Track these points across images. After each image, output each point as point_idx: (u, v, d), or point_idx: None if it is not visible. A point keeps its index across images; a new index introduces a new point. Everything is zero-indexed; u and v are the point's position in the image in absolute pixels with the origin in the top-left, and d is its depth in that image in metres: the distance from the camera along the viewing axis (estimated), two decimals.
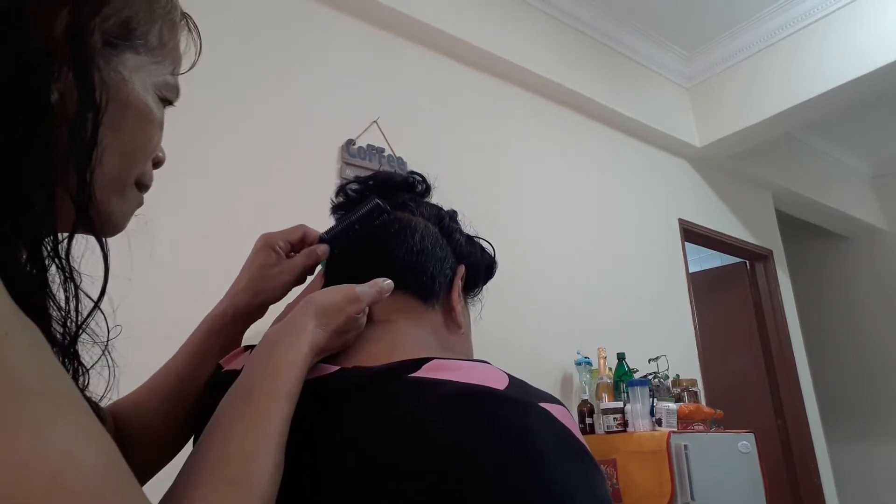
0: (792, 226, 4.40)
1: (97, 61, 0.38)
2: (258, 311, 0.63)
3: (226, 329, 0.62)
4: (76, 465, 0.28)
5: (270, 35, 2.10)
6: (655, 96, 3.37)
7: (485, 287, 0.69)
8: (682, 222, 3.36)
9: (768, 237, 3.95)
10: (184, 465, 0.39)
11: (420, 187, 0.68)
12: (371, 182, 0.67)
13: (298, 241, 0.64)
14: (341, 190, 0.69)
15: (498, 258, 0.70)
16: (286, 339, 0.47)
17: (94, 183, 0.39)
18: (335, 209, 0.69)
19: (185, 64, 0.51)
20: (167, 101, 0.46)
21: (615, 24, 3.17)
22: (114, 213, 0.44)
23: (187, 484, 0.37)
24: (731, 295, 3.89)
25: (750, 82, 3.32)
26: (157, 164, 0.49)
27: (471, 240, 0.67)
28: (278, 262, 0.63)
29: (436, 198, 0.71)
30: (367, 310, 0.54)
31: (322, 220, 0.69)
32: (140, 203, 0.47)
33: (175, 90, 0.47)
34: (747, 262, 3.92)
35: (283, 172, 1.99)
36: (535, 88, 2.85)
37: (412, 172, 0.69)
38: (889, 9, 2.85)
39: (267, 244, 0.63)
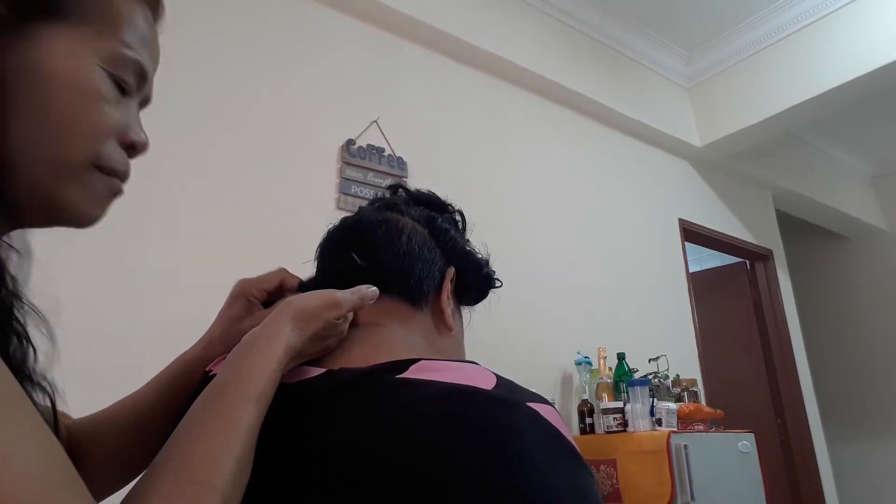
0: (792, 226, 4.40)
1: (1, 35, 0.36)
2: None
3: (196, 375, 0.60)
4: (14, 469, 0.27)
5: (270, 35, 2.10)
6: (655, 96, 3.37)
7: (484, 298, 0.68)
8: (682, 222, 3.36)
9: (768, 237, 3.95)
10: (150, 464, 0.39)
11: (460, 224, 0.68)
12: (421, 197, 0.67)
13: (276, 289, 0.63)
14: (397, 186, 0.69)
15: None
16: (260, 342, 0.46)
17: (26, 168, 0.37)
18: (372, 203, 0.68)
19: (157, 48, 0.47)
20: (119, 79, 0.42)
21: (615, 24, 3.17)
22: (73, 201, 0.40)
23: (150, 483, 0.36)
24: (731, 295, 3.89)
25: (750, 82, 3.32)
26: (134, 147, 0.44)
27: (465, 240, 0.66)
28: (250, 315, 0.61)
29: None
30: (348, 316, 0.53)
31: (321, 219, 0.69)
32: (115, 190, 0.44)
33: (127, 65, 0.43)
34: (747, 261, 3.92)
35: (283, 172, 1.99)
36: (535, 88, 2.85)
37: (458, 209, 0.69)
38: (888, 9, 2.85)
39: (241, 293, 0.62)
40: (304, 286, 0.62)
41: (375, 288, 0.55)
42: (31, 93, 0.38)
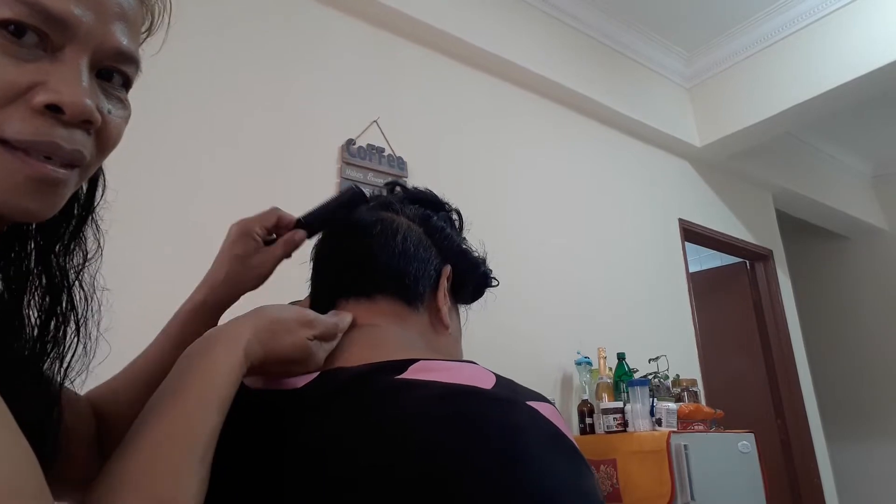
0: (792, 226, 4.40)
1: None
2: (235, 299, 0.63)
3: (204, 319, 0.60)
4: None
5: (270, 35, 2.10)
6: (655, 96, 3.37)
7: (481, 296, 0.68)
8: (682, 222, 3.36)
9: (768, 237, 3.95)
10: (104, 471, 0.37)
11: (457, 223, 0.68)
12: (418, 195, 0.67)
13: (274, 226, 0.63)
14: (394, 184, 0.70)
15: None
16: (221, 343, 0.44)
17: None
18: (368, 200, 0.68)
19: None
20: (6, 23, 0.34)
21: (615, 25, 3.17)
22: None
23: (112, 497, 0.35)
24: (731, 295, 3.89)
25: (750, 82, 3.32)
26: (59, 110, 0.35)
27: (461, 238, 0.66)
28: (257, 252, 0.62)
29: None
30: (325, 346, 0.51)
31: None
32: (28, 175, 0.35)
33: (5, 2, 0.33)
34: (747, 262, 3.92)
35: (283, 172, 1.99)
36: (535, 88, 2.85)
37: (454, 208, 0.69)
38: (888, 9, 2.84)
39: (244, 232, 0.62)
40: (301, 223, 0.63)
41: (350, 316, 0.55)
42: None
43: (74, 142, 0.36)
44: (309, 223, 0.64)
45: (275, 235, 0.64)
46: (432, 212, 0.64)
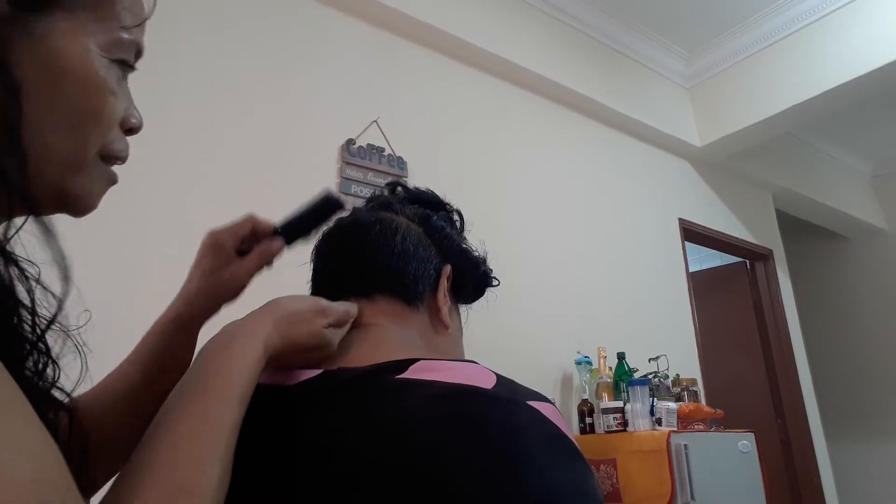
0: (792, 226, 4.40)
1: (8, 34, 0.35)
2: (213, 312, 0.61)
3: (180, 332, 0.59)
4: (2, 476, 0.26)
5: (270, 35, 2.10)
6: (655, 96, 3.37)
7: (481, 296, 0.68)
8: (682, 222, 3.36)
9: (768, 237, 3.95)
10: (127, 466, 0.37)
11: (458, 223, 0.68)
12: (419, 195, 0.67)
13: (249, 235, 0.61)
14: (395, 184, 0.69)
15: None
16: (241, 337, 0.45)
17: (45, 165, 0.36)
18: (369, 200, 0.68)
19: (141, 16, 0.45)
20: (123, 63, 0.41)
21: (615, 24, 3.17)
22: (80, 193, 0.40)
23: (134, 488, 0.35)
24: (731, 295, 3.89)
25: (750, 82, 3.32)
26: (131, 129, 0.44)
27: (462, 238, 0.65)
28: (227, 265, 0.59)
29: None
30: (338, 332, 0.52)
31: None
32: (111, 179, 0.43)
33: (130, 47, 0.41)
34: (747, 261, 3.92)
35: (283, 172, 1.99)
36: (535, 88, 2.85)
37: (455, 209, 0.68)
38: (889, 9, 2.84)
39: (214, 244, 0.60)
40: (280, 230, 0.62)
41: (356, 306, 0.56)
42: (48, 91, 0.36)
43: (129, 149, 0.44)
44: (286, 231, 0.61)
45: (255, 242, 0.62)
46: (432, 211, 0.64)
